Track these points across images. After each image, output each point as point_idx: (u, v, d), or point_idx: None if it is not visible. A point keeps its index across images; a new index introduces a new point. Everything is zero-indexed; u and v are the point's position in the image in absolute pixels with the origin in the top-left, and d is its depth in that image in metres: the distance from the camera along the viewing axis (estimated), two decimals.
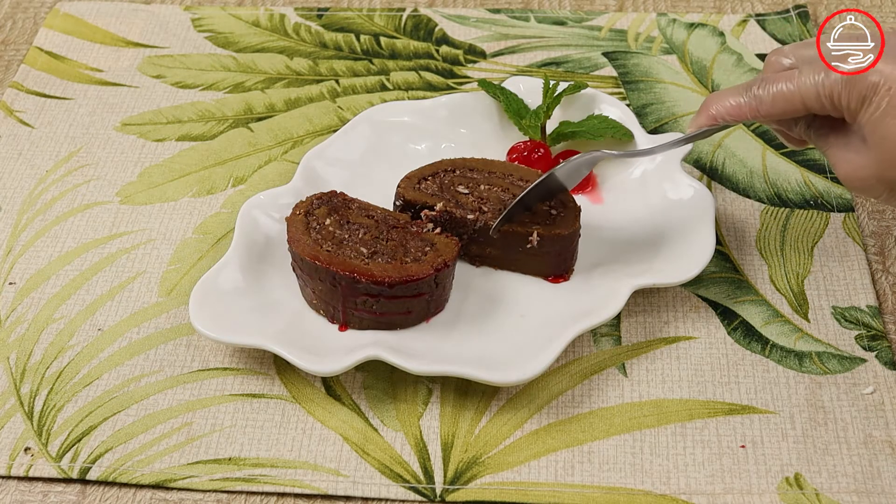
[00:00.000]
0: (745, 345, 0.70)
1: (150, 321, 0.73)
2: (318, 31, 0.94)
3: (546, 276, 0.72)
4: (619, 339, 0.71)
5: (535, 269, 0.72)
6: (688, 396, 0.68)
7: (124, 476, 0.65)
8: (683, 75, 0.88)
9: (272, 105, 0.87)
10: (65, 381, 0.70)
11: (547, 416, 0.67)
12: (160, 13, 0.96)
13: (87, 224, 0.79)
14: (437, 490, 0.64)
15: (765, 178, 0.80)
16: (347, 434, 0.67)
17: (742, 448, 0.65)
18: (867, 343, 0.70)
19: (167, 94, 0.89)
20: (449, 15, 0.95)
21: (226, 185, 0.81)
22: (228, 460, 0.66)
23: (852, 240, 0.76)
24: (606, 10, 0.95)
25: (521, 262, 0.72)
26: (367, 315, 0.68)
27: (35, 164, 0.84)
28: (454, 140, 0.81)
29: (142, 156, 0.84)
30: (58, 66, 0.91)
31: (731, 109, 0.64)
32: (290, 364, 0.68)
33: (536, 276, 0.72)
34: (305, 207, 0.71)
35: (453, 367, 0.66)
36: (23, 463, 0.66)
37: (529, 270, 0.72)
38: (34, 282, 0.75)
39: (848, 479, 0.64)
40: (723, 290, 0.73)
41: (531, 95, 0.81)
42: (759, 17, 0.93)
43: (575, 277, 0.73)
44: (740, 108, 0.63)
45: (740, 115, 0.64)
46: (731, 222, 0.78)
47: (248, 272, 0.71)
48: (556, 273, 0.72)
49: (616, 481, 0.64)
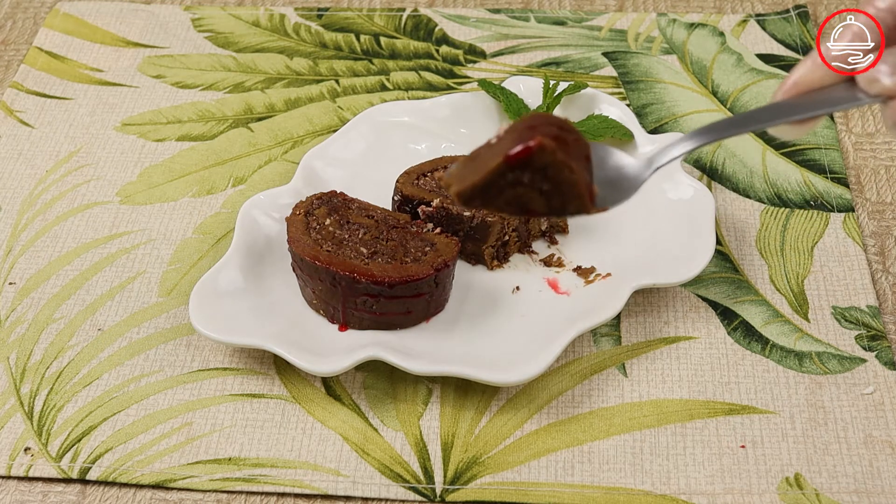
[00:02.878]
0: (745, 345, 0.70)
1: (150, 321, 0.73)
2: (318, 31, 0.94)
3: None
4: (619, 339, 0.71)
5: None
6: (688, 396, 0.68)
7: (124, 476, 0.65)
8: (683, 75, 0.88)
9: (272, 105, 0.87)
10: (65, 381, 0.70)
11: (547, 416, 0.67)
12: (160, 13, 0.96)
13: (87, 224, 0.79)
14: (437, 490, 0.64)
15: (765, 178, 0.80)
16: (347, 434, 0.67)
17: (742, 448, 0.65)
18: (867, 343, 0.70)
19: (167, 94, 0.89)
20: (449, 15, 0.95)
21: (226, 185, 0.81)
22: (228, 460, 0.66)
23: (852, 240, 0.76)
24: (606, 10, 0.95)
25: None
26: (367, 315, 0.68)
27: (35, 165, 0.83)
28: (454, 140, 0.81)
29: (142, 156, 0.84)
30: (58, 66, 0.91)
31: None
32: (290, 364, 0.68)
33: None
34: (305, 207, 0.71)
35: (453, 367, 0.66)
36: (23, 463, 0.66)
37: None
38: (34, 282, 0.75)
39: (848, 480, 0.64)
40: (723, 290, 0.73)
41: (531, 95, 0.81)
42: (759, 18, 0.93)
43: (575, 277, 0.73)
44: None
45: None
46: (731, 222, 0.77)
47: (248, 272, 0.71)
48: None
49: (616, 481, 0.64)
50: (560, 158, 0.53)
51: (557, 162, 0.53)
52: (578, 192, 0.54)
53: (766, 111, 0.55)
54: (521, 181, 0.54)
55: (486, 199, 0.55)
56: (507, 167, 0.53)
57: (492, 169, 0.54)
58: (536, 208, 0.55)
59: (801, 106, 0.55)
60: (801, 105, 0.55)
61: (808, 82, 0.55)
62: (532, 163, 0.53)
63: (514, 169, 0.53)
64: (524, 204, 0.55)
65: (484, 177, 0.54)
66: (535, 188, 0.54)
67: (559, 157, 0.53)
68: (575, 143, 0.55)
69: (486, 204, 0.55)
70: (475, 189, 0.54)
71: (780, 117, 0.55)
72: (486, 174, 0.54)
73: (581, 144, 0.55)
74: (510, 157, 0.53)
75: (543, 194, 0.54)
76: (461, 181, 0.55)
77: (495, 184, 0.54)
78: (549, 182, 0.54)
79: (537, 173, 0.54)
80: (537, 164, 0.53)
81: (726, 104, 0.86)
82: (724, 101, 0.86)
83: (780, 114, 0.55)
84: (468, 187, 0.54)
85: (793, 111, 0.55)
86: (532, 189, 0.54)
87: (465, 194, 0.55)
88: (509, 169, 0.53)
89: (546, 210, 0.55)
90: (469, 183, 0.54)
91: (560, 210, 0.55)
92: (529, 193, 0.54)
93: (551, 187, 0.54)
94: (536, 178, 0.54)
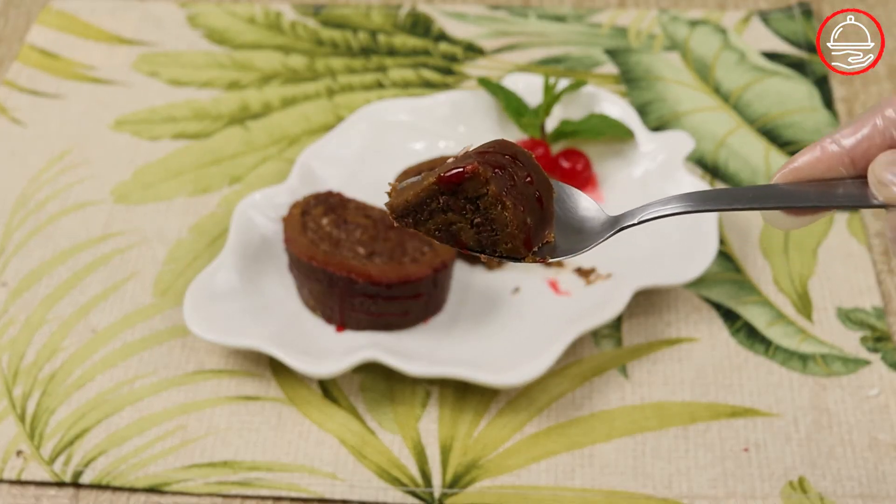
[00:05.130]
0: (748, 346, 0.70)
1: (145, 322, 0.72)
2: (315, 28, 0.93)
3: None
4: (621, 341, 0.70)
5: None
6: (690, 399, 0.67)
7: (118, 480, 0.64)
8: (685, 73, 0.88)
9: (268, 103, 0.86)
10: (58, 383, 0.69)
11: (547, 418, 0.67)
12: (154, 10, 0.95)
13: (81, 224, 0.78)
14: (436, 494, 0.64)
15: (768, 177, 0.79)
16: (344, 437, 0.66)
17: (745, 451, 0.65)
18: (872, 344, 0.69)
19: (161, 91, 0.88)
20: (447, 12, 0.94)
21: (221, 184, 0.81)
22: (224, 464, 0.65)
23: (857, 240, 0.75)
24: (607, 7, 0.94)
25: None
26: (365, 316, 0.68)
27: (27, 163, 0.83)
28: (453, 138, 0.81)
29: (136, 154, 0.83)
30: (51, 64, 0.90)
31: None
32: (287, 366, 0.67)
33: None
34: (302, 207, 0.71)
35: (452, 368, 0.65)
36: (15, 466, 0.65)
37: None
38: (26, 282, 0.74)
39: (853, 483, 0.63)
40: (725, 290, 0.73)
41: (531, 93, 0.81)
42: (762, 14, 0.93)
43: (576, 278, 0.72)
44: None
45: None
46: (734, 222, 0.77)
47: (244, 272, 0.71)
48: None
49: (617, 485, 0.63)
50: (493, 191, 0.48)
51: (491, 194, 0.48)
52: (511, 233, 0.49)
53: (762, 191, 0.50)
54: (451, 207, 0.49)
55: (417, 220, 0.51)
56: (438, 189, 0.49)
57: (424, 188, 0.49)
58: (466, 241, 0.51)
59: (800, 195, 0.49)
60: (802, 194, 0.49)
61: (810, 172, 0.49)
62: (464, 189, 0.49)
63: (444, 192, 0.49)
64: (454, 233, 0.50)
65: (416, 195, 0.50)
66: (466, 218, 0.49)
67: (492, 190, 0.48)
68: (526, 183, 0.50)
69: (416, 224, 0.51)
70: (407, 206, 0.50)
71: (775, 201, 0.49)
72: (417, 192, 0.50)
73: (538, 184, 0.51)
74: (442, 178, 0.49)
75: (474, 227, 0.50)
76: (398, 195, 0.51)
77: (426, 205, 0.50)
78: (480, 215, 0.49)
79: (469, 202, 0.49)
80: (469, 192, 0.49)
81: (729, 102, 0.85)
82: (726, 99, 0.85)
83: (777, 198, 0.49)
84: (401, 203, 0.50)
85: (790, 199, 0.49)
86: (463, 219, 0.50)
87: (397, 209, 0.50)
88: (440, 192, 0.49)
89: (476, 245, 0.50)
90: (403, 199, 0.50)
91: (491, 248, 0.50)
92: (460, 223, 0.50)
93: (482, 221, 0.49)
94: (468, 207, 0.49)
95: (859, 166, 0.48)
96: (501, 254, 0.50)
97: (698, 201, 0.51)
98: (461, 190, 0.49)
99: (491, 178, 0.48)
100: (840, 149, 0.49)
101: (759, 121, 0.84)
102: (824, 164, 0.49)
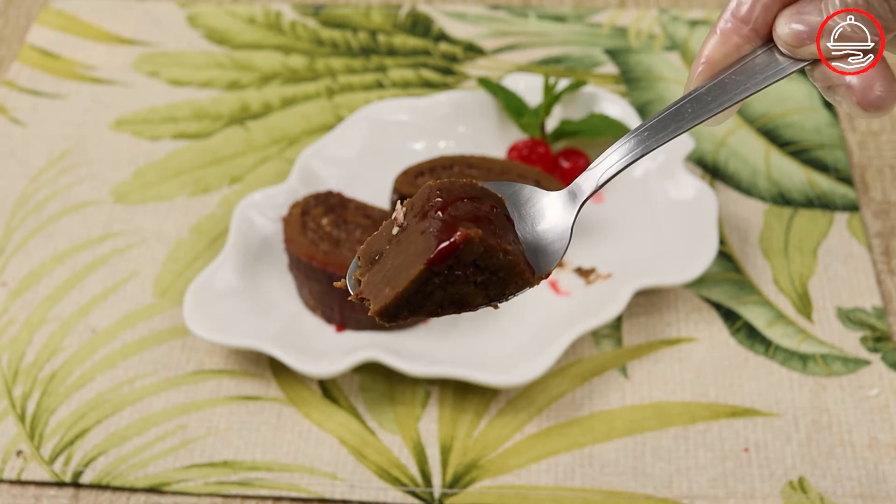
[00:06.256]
0: (748, 346, 0.70)
1: (144, 322, 0.72)
2: (315, 28, 0.93)
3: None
4: (621, 341, 0.70)
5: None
6: (690, 399, 0.67)
7: (118, 480, 0.64)
8: (685, 73, 0.88)
9: (268, 103, 0.86)
10: (58, 383, 0.69)
11: (547, 418, 0.66)
12: (154, 10, 0.95)
13: (81, 224, 0.78)
14: (436, 494, 0.63)
15: (768, 178, 0.79)
16: (344, 437, 0.66)
17: (745, 451, 0.65)
18: (872, 344, 0.69)
19: (161, 91, 0.88)
20: (447, 12, 0.94)
21: (221, 184, 0.81)
22: (224, 464, 0.65)
23: (857, 240, 0.75)
24: (607, 7, 0.94)
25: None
26: (365, 316, 0.68)
27: (27, 163, 0.83)
28: (453, 138, 0.81)
29: (136, 154, 0.83)
30: (51, 64, 0.90)
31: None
32: (287, 366, 0.67)
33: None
34: (302, 207, 0.71)
35: (452, 369, 0.65)
36: (15, 466, 0.65)
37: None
38: (26, 282, 0.74)
39: (853, 483, 0.63)
40: (725, 290, 0.73)
41: (531, 93, 0.81)
42: None
43: (576, 278, 0.72)
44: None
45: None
46: (734, 222, 0.77)
47: (244, 273, 0.71)
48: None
49: (617, 485, 0.63)
50: (491, 244, 0.45)
51: (489, 249, 0.45)
52: (518, 270, 0.46)
53: (696, 101, 0.47)
54: (449, 280, 0.45)
55: (414, 309, 0.46)
56: (431, 272, 0.45)
57: (413, 278, 0.45)
58: (474, 301, 0.47)
59: (720, 93, 0.47)
60: (721, 91, 0.47)
61: (723, 60, 0.47)
62: (461, 260, 0.45)
63: (439, 273, 0.45)
64: (459, 301, 0.46)
65: (406, 288, 0.45)
66: (469, 282, 0.46)
67: (490, 243, 0.45)
68: (495, 214, 0.46)
69: (414, 313, 0.46)
70: (399, 302, 0.46)
71: (703, 114, 0.47)
72: (406, 285, 0.45)
73: (498, 205, 0.47)
74: (433, 260, 0.44)
75: (479, 286, 0.46)
76: (378, 297, 0.46)
77: (420, 292, 0.45)
78: (483, 273, 0.46)
79: (468, 268, 0.45)
80: (466, 259, 0.45)
81: None
82: None
83: (702, 109, 0.47)
84: (390, 303, 0.46)
85: (715, 102, 0.47)
86: (466, 285, 0.46)
87: (388, 311, 0.46)
88: (433, 274, 0.45)
89: (486, 300, 0.47)
90: (390, 298, 0.46)
91: (500, 295, 0.47)
92: (463, 290, 0.46)
93: (487, 277, 0.46)
94: (468, 272, 0.45)
95: (763, 34, 0.47)
96: (511, 294, 0.47)
97: (645, 139, 0.48)
98: (457, 262, 0.45)
99: (482, 235, 0.45)
100: (737, 22, 0.47)
101: (759, 121, 0.83)
102: (730, 44, 0.47)
